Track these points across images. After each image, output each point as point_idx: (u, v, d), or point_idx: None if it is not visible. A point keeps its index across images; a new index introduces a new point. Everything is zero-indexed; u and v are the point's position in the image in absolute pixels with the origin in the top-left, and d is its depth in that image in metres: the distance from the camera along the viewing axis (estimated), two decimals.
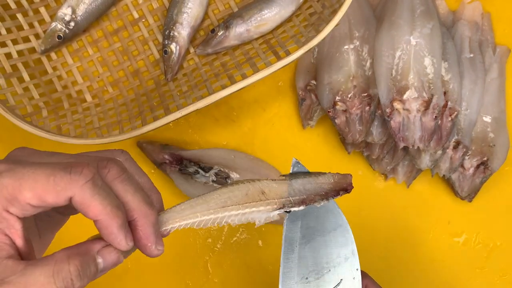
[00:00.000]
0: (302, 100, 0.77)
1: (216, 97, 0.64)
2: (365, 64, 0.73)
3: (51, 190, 0.36)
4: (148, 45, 0.79)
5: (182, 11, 0.75)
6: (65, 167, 0.37)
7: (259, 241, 0.77)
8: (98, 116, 0.75)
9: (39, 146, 0.78)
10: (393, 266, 0.77)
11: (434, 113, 0.69)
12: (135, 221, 0.40)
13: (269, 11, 0.73)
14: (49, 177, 0.36)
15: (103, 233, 0.39)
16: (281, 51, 0.70)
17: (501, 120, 0.76)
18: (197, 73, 0.76)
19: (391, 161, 0.76)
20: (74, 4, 0.75)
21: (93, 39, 0.80)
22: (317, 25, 0.70)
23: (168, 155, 0.75)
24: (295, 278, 0.48)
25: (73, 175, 0.36)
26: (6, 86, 0.72)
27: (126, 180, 0.40)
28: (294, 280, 0.48)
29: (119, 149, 0.43)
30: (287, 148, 0.79)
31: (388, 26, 0.73)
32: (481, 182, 0.75)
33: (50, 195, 0.36)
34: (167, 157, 0.75)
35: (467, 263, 0.77)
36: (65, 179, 0.36)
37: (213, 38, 0.75)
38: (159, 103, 0.73)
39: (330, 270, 0.48)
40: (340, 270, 0.49)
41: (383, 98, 0.71)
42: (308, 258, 0.49)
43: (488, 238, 0.77)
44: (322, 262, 0.48)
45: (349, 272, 0.49)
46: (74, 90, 0.78)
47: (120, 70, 0.79)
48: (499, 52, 0.78)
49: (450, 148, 0.74)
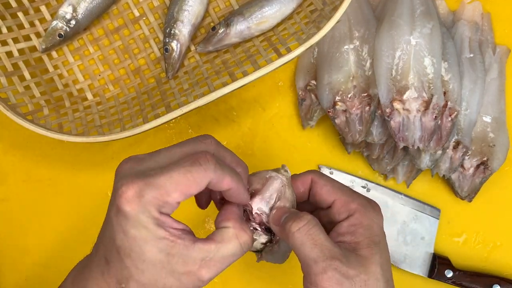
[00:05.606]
0: (302, 100, 0.77)
1: (217, 94, 0.64)
2: (365, 64, 0.73)
3: (192, 184, 0.43)
4: (149, 43, 0.80)
5: (182, 8, 0.75)
6: (193, 161, 0.43)
7: None
8: (99, 114, 0.75)
9: (40, 144, 0.79)
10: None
11: (434, 113, 0.69)
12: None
13: (269, 8, 0.74)
14: (186, 175, 0.42)
15: (234, 196, 0.47)
16: (282, 48, 0.70)
17: (501, 120, 0.76)
18: (198, 70, 0.76)
19: (391, 161, 0.75)
20: (75, 3, 0.76)
21: (94, 37, 0.80)
22: (318, 22, 0.70)
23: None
24: None
25: (204, 165, 0.43)
26: (7, 85, 0.72)
27: (229, 155, 0.49)
28: None
29: (204, 134, 0.49)
30: (287, 148, 0.79)
31: (388, 26, 0.73)
32: (481, 182, 0.75)
33: (193, 188, 0.43)
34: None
35: (467, 263, 0.77)
36: (201, 171, 0.43)
37: (214, 36, 0.75)
38: (160, 101, 0.73)
39: None
40: None
41: (383, 98, 0.71)
42: None
43: (488, 238, 0.77)
44: None
45: None
46: (75, 89, 0.78)
47: (121, 68, 0.79)
48: (499, 52, 0.78)
49: (450, 148, 0.74)
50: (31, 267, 0.77)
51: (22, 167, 0.79)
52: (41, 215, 0.78)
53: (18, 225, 0.78)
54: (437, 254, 0.76)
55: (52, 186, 0.78)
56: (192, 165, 0.43)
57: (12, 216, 0.78)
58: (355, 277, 0.45)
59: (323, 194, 0.51)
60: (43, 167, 0.79)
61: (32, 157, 0.79)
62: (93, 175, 0.78)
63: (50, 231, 0.78)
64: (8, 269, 0.78)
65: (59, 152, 0.79)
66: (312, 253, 0.46)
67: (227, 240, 0.45)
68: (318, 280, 0.45)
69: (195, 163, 0.43)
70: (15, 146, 0.79)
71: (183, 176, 0.42)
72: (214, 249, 0.44)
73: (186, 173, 0.42)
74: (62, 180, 0.79)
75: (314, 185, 0.52)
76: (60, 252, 0.77)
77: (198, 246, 0.44)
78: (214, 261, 0.44)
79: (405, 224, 0.76)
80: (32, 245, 0.78)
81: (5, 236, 0.78)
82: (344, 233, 0.48)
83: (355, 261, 0.46)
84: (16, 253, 0.78)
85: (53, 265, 0.77)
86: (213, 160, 0.44)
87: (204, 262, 0.44)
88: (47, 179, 0.79)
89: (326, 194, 0.51)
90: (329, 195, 0.51)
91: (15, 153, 0.79)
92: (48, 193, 0.78)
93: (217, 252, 0.44)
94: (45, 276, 0.78)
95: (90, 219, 0.76)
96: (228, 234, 0.46)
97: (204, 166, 0.43)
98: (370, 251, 0.47)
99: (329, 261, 0.45)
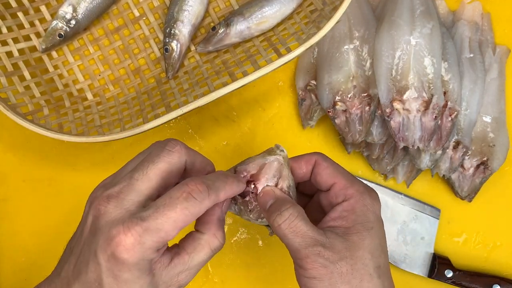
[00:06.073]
0: (302, 100, 0.77)
1: (217, 94, 0.64)
2: (365, 64, 0.73)
3: (190, 218, 0.43)
4: (149, 43, 0.80)
5: (183, 8, 0.76)
6: (187, 196, 0.43)
7: (259, 241, 0.77)
8: (99, 114, 0.75)
9: (40, 144, 0.79)
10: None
11: (434, 113, 0.69)
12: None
13: (269, 8, 0.74)
14: (184, 211, 0.43)
15: (231, 195, 0.48)
16: (282, 48, 0.70)
17: (501, 120, 0.76)
18: (198, 70, 0.76)
19: (391, 161, 0.75)
20: (75, 3, 0.76)
21: (94, 37, 0.80)
22: (318, 22, 0.70)
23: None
24: None
25: (199, 197, 0.43)
26: (7, 85, 0.72)
27: (199, 159, 0.50)
28: None
29: (170, 140, 0.49)
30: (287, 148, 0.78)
31: (388, 26, 0.73)
32: (481, 182, 0.75)
33: (190, 220, 0.43)
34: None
35: (467, 263, 0.77)
36: (197, 204, 0.43)
37: (214, 36, 0.75)
38: (160, 101, 0.73)
39: None
40: None
41: (383, 98, 0.71)
42: None
43: (488, 238, 0.77)
44: None
45: None
46: (75, 89, 0.78)
47: (121, 68, 0.79)
48: (499, 52, 0.78)
49: (450, 148, 0.74)
50: (31, 267, 0.77)
51: (22, 167, 0.79)
52: (41, 215, 0.78)
53: (18, 225, 0.78)
54: (437, 254, 0.76)
55: (52, 186, 0.78)
56: (187, 200, 0.43)
57: (12, 216, 0.78)
58: (339, 261, 0.47)
59: (324, 175, 0.52)
60: (43, 167, 0.79)
61: (32, 157, 0.79)
62: (93, 175, 0.78)
63: (50, 231, 0.78)
64: (8, 269, 0.78)
65: (59, 152, 0.79)
66: (295, 243, 0.47)
67: (199, 249, 0.47)
68: (303, 263, 0.47)
69: (189, 197, 0.43)
70: (15, 146, 0.79)
71: (181, 214, 0.42)
72: (188, 260, 0.46)
73: (183, 210, 0.43)
74: (62, 180, 0.78)
75: (317, 166, 0.53)
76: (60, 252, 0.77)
77: (174, 263, 0.45)
78: (188, 270, 0.46)
79: (405, 224, 0.76)
80: (32, 245, 0.78)
81: (5, 236, 0.78)
82: (336, 218, 0.50)
83: (341, 245, 0.47)
84: (16, 253, 0.78)
85: (53, 265, 0.77)
86: (205, 188, 0.44)
87: (180, 273, 0.46)
88: (47, 179, 0.79)
89: (326, 176, 0.52)
90: (330, 177, 0.52)
91: (15, 153, 0.79)
92: (48, 193, 0.78)
93: (190, 262, 0.46)
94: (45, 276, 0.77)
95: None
96: (200, 242, 0.47)
97: (199, 199, 0.43)
98: (359, 237, 0.48)
99: (311, 247, 0.47)
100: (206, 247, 0.47)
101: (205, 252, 0.47)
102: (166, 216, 0.42)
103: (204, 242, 0.47)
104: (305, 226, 0.48)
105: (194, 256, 0.46)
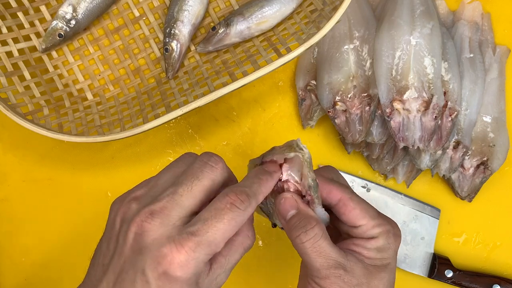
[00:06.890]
0: (302, 100, 0.77)
1: (217, 94, 0.64)
2: (365, 64, 0.73)
3: (236, 228, 0.44)
4: (149, 43, 0.80)
5: (183, 8, 0.75)
6: (231, 206, 0.44)
7: (259, 241, 0.77)
8: (99, 114, 0.75)
9: (40, 144, 0.79)
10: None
11: (434, 113, 0.69)
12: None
13: (269, 8, 0.74)
14: (231, 222, 0.43)
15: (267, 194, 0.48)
16: (282, 48, 0.70)
17: (501, 120, 0.76)
18: (198, 70, 0.76)
19: (391, 161, 0.75)
20: (75, 3, 0.75)
21: (94, 37, 0.80)
22: (318, 22, 0.70)
23: None
24: None
25: (243, 207, 0.44)
26: (7, 85, 0.72)
27: (232, 177, 0.50)
28: None
29: (213, 156, 0.48)
30: None
31: (388, 26, 0.73)
32: (481, 182, 0.75)
33: (236, 229, 0.44)
34: None
35: (467, 263, 0.77)
36: (241, 214, 0.44)
37: (214, 36, 0.75)
38: (160, 101, 0.73)
39: None
40: None
41: (383, 98, 0.71)
42: None
43: (488, 238, 0.77)
44: None
45: None
46: (75, 89, 0.78)
47: (121, 68, 0.79)
48: (499, 52, 0.78)
49: (450, 148, 0.74)
50: (31, 267, 0.77)
51: (22, 167, 0.79)
52: (41, 215, 0.78)
53: (18, 225, 0.78)
54: (437, 254, 0.76)
55: (52, 186, 0.78)
56: (232, 210, 0.44)
57: (12, 216, 0.78)
58: (356, 286, 0.48)
59: (351, 217, 0.51)
60: (43, 167, 0.79)
61: (32, 157, 0.79)
62: (93, 175, 0.78)
63: (50, 231, 0.78)
64: (8, 269, 0.78)
65: (59, 152, 0.79)
66: (317, 262, 0.48)
67: (234, 250, 0.47)
68: (322, 283, 0.48)
69: (234, 208, 0.44)
70: (15, 146, 0.79)
71: (228, 225, 0.43)
72: (225, 263, 0.46)
73: (230, 220, 0.43)
74: (62, 180, 0.78)
75: (343, 206, 0.52)
76: (60, 252, 0.77)
77: (214, 269, 0.45)
78: (225, 271, 0.47)
79: (405, 224, 0.76)
80: (32, 245, 0.78)
81: (5, 236, 0.78)
82: (359, 245, 0.50)
83: (360, 271, 0.49)
84: (16, 253, 0.78)
85: (53, 265, 0.77)
86: (246, 197, 0.45)
87: (218, 276, 0.46)
88: (47, 179, 0.79)
89: (354, 218, 0.51)
90: (357, 219, 0.51)
91: (15, 153, 0.79)
92: (48, 193, 0.78)
93: (227, 264, 0.46)
94: (45, 276, 0.78)
95: (90, 219, 0.76)
96: (234, 244, 0.47)
97: (243, 208, 0.44)
98: (377, 269, 0.49)
99: (333, 269, 0.48)
100: (240, 248, 0.47)
101: (239, 252, 0.47)
102: (216, 228, 0.43)
103: (238, 243, 0.47)
104: (328, 247, 0.48)
105: (230, 258, 0.47)
